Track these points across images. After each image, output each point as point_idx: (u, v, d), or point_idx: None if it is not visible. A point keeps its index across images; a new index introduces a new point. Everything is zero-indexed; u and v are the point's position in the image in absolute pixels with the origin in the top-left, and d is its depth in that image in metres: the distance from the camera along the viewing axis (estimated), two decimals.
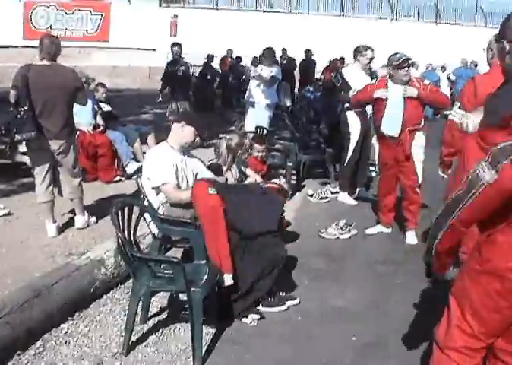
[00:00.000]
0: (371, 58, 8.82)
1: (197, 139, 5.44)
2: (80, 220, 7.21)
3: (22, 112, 6.44)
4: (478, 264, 2.80)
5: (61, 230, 7.04)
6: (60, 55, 6.85)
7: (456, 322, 2.88)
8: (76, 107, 7.18)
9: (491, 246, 2.75)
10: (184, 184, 5.35)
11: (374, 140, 8.73)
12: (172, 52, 14.08)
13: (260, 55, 13.25)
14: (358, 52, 8.81)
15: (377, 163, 7.74)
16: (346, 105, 8.73)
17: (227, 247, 4.73)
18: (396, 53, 7.00)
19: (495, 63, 5.10)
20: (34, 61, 6.79)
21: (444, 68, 22.95)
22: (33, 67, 6.64)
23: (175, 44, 14.00)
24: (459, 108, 5.23)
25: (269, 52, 12.04)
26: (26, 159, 8.25)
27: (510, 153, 2.52)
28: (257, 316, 4.93)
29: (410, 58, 6.99)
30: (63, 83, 6.68)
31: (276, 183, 6.75)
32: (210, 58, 21.86)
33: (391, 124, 6.94)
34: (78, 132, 8.40)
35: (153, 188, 5.22)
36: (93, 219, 7.36)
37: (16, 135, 6.54)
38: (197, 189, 5.01)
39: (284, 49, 21.95)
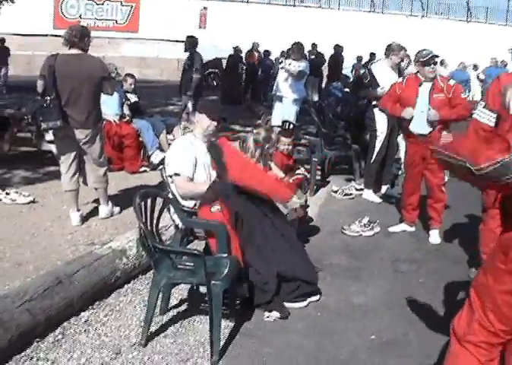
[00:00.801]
0: (403, 59, 8.80)
1: (213, 123, 5.43)
2: (104, 209, 7.23)
3: (48, 101, 6.47)
4: (502, 263, 2.76)
5: (84, 218, 7.08)
6: (90, 45, 6.87)
7: (477, 317, 2.87)
8: (103, 97, 7.19)
9: None
10: (205, 175, 5.34)
11: (399, 137, 8.66)
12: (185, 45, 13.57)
13: (288, 50, 13.20)
14: (392, 50, 8.73)
15: (402, 161, 7.67)
16: (374, 102, 8.68)
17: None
18: (424, 49, 6.93)
19: None
20: (62, 51, 6.81)
21: (476, 67, 22.75)
22: (60, 56, 6.66)
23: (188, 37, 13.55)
24: (484, 107, 5.17)
25: (298, 47, 11.99)
26: (52, 147, 8.30)
27: None
28: (277, 314, 4.91)
29: (437, 56, 6.91)
30: (89, 72, 6.69)
31: (300, 174, 6.76)
32: (238, 51, 21.81)
33: (420, 122, 6.89)
34: (104, 122, 8.44)
35: (168, 175, 5.23)
36: (117, 209, 7.39)
37: (42, 124, 6.58)
38: (200, 213, 5.11)
39: (314, 43, 21.83)
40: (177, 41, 33.31)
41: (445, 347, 4.12)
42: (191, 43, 12.90)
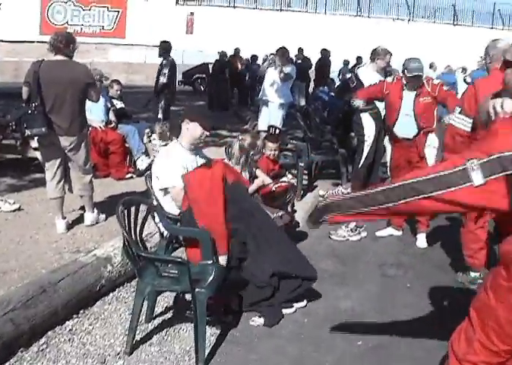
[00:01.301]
0: (388, 63, 8.82)
1: (205, 132, 5.38)
2: (89, 217, 7.19)
3: (33, 108, 6.43)
4: (504, 280, 2.73)
5: (70, 226, 7.04)
6: (77, 51, 6.84)
7: (478, 337, 2.81)
8: (88, 104, 7.16)
9: None
10: None
11: (386, 141, 8.64)
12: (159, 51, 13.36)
13: (271, 54, 13.23)
14: (377, 54, 8.74)
15: (388, 164, 7.66)
16: (360, 106, 8.70)
17: (223, 226, 4.78)
18: (414, 60, 6.93)
19: (493, 68, 5.15)
20: (47, 57, 6.77)
21: (464, 70, 22.78)
22: (44, 62, 6.63)
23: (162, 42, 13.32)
24: (460, 113, 5.19)
25: (281, 52, 12.01)
26: (37, 154, 8.25)
27: (507, 167, 2.44)
28: (261, 321, 4.89)
29: (421, 75, 6.94)
30: (74, 79, 6.65)
31: (285, 182, 6.74)
32: (223, 56, 21.82)
33: (405, 127, 6.93)
34: (90, 128, 8.41)
35: (160, 189, 5.18)
36: (103, 216, 7.35)
37: (26, 131, 6.54)
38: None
39: (300, 48, 21.84)
40: None
41: (432, 352, 4.14)
42: (164, 48, 12.85)
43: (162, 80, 12.31)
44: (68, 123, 6.64)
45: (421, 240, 7.05)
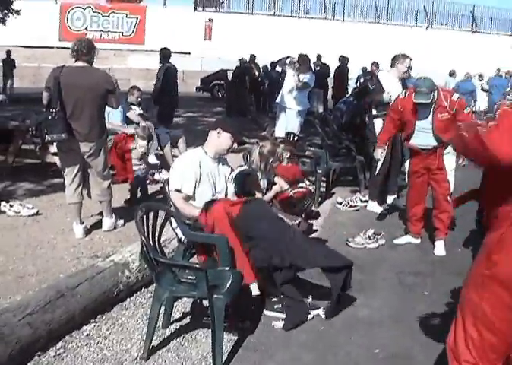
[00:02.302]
0: (409, 67, 8.72)
1: (235, 145, 5.38)
2: (107, 222, 7.22)
3: (53, 114, 6.47)
4: (486, 269, 2.73)
5: (88, 231, 7.07)
6: (96, 57, 6.87)
7: (471, 335, 2.82)
8: (106, 110, 7.19)
9: (499, 247, 2.69)
10: (210, 194, 5.27)
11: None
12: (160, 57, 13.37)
13: (282, 58, 13.21)
14: (397, 59, 8.70)
15: (406, 171, 7.61)
16: (374, 112, 8.68)
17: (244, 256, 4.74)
18: (423, 83, 6.67)
19: None
20: (68, 63, 6.81)
21: (481, 77, 22.70)
22: (65, 68, 6.68)
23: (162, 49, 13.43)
24: None
25: (303, 59, 12.01)
26: (56, 159, 8.30)
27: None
28: (281, 321, 4.91)
29: (428, 103, 6.68)
30: (94, 85, 6.68)
31: (302, 187, 6.72)
32: (244, 62, 21.84)
33: (423, 140, 6.86)
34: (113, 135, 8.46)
35: (168, 190, 5.18)
36: (121, 221, 7.37)
37: (47, 136, 6.58)
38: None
39: (319, 55, 21.81)
40: (183, 53, 33.46)
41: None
42: (163, 55, 12.91)
43: (157, 85, 12.29)
44: (88, 129, 6.68)
45: (440, 248, 6.99)
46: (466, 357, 2.86)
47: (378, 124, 8.58)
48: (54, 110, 6.50)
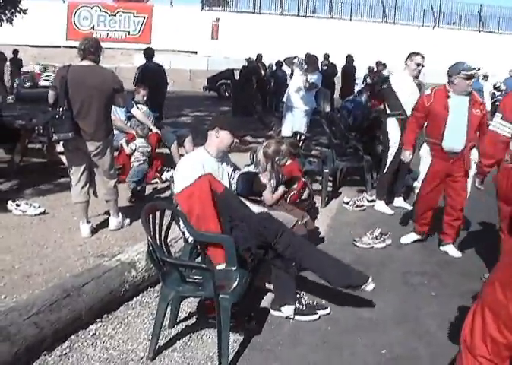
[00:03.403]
0: (418, 64, 8.58)
1: (235, 140, 5.35)
2: (114, 221, 7.21)
3: (60, 113, 6.47)
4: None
5: (94, 230, 7.07)
6: (102, 56, 6.87)
7: (490, 332, 2.83)
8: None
9: None
10: None
11: (422, 151, 8.32)
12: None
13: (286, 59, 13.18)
14: (408, 57, 8.62)
15: (421, 175, 7.36)
16: (388, 112, 8.63)
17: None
18: (463, 62, 6.54)
19: None
20: (74, 62, 6.81)
21: (485, 77, 22.60)
22: (72, 67, 6.68)
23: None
24: (501, 119, 5.12)
25: (312, 59, 12.01)
26: (63, 158, 8.29)
27: None
28: (291, 309, 4.98)
29: (480, 69, 6.61)
30: (101, 84, 6.68)
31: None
32: (251, 62, 21.84)
33: (454, 139, 6.57)
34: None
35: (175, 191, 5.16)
36: (127, 221, 7.37)
37: (54, 135, 6.58)
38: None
39: (326, 54, 21.77)
40: (189, 52, 33.50)
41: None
42: (144, 54, 13.26)
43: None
44: (94, 128, 6.68)
45: (453, 251, 6.91)
46: (483, 352, 2.88)
47: (391, 124, 8.55)
48: (61, 109, 6.49)
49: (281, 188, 6.49)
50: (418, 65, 8.51)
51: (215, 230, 4.76)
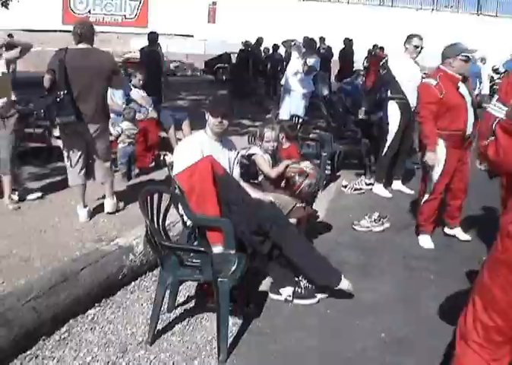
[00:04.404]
0: (416, 46, 8.51)
1: (218, 120, 5.29)
2: (110, 203, 7.21)
3: (62, 96, 6.46)
4: (499, 252, 2.77)
5: (92, 215, 7.05)
6: (98, 40, 6.87)
7: (479, 316, 2.88)
8: (108, 91, 7.19)
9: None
10: None
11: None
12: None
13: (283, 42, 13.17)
14: (406, 39, 8.57)
15: (441, 169, 6.98)
16: (389, 94, 8.59)
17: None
18: (459, 43, 6.47)
19: None
20: (69, 45, 6.78)
21: (484, 60, 22.51)
22: (69, 50, 6.65)
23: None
24: (497, 100, 5.10)
25: (310, 43, 11.98)
26: (60, 143, 8.25)
27: None
28: (290, 290, 5.02)
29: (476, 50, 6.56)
30: (99, 66, 6.69)
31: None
32: (248, 45, 21.75)
33: (470, 123, 6.40)
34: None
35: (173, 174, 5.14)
36: (121, 204, 7.37)
37: (57, 119, 6.58)
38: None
39: (322, 37, 21.67)
40: (186, 35, 33.37)
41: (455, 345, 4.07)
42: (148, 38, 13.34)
43: None
44: (94, 111, 6.70)
45: (462, 234, 6.85)
46: (473, 337, 2.93)
47: (392, 107, 8.52)
48: (62, 93, 6.48)
49: (282, 164, 6.41)
50: (417, 47, 8.47)
51: (214, 211, 4.76)
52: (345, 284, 5.04)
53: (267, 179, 6.31)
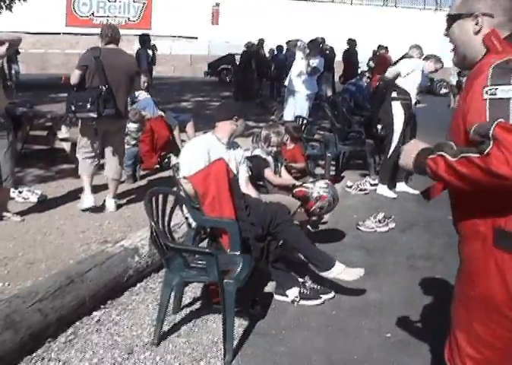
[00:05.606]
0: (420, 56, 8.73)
1: (235, 122, 5.33)
2: (112, 202, 7.40)
3: (104, 90, 6.75)
4: (470, 288, 2.70)
5: (97, 216, 7.07)
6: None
7: (467, 351, 2.76)
8: None
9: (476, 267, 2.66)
10: None
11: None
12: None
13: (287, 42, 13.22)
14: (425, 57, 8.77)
15: None
16: (393, 94, 8.60)
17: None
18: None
19: None
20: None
21: None
22: (104, 49, 6.97)
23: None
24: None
25: (314, 44, 11.98)
26: (64, 145, 8.30)
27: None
28: (295, 291, 5.02)
29: None
30: (128, 66, 7.11)
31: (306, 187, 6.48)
32: (251, 46, 21.74)
33: None
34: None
35: (178, 176, 5.14)
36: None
37: (105, 110, 6.81)
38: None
39: (322, 38, 21.59)
40: (190, 37, 33.38)
41: None
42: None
43: None
44: (123, 107, 7.08)
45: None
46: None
47: (396, 107, 8.53)
48: (103, 87, 6.76)
49: (291, 181, 6.45)
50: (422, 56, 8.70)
51: (230, 213, 4.76)
52: (340, 268, 5.06)
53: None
